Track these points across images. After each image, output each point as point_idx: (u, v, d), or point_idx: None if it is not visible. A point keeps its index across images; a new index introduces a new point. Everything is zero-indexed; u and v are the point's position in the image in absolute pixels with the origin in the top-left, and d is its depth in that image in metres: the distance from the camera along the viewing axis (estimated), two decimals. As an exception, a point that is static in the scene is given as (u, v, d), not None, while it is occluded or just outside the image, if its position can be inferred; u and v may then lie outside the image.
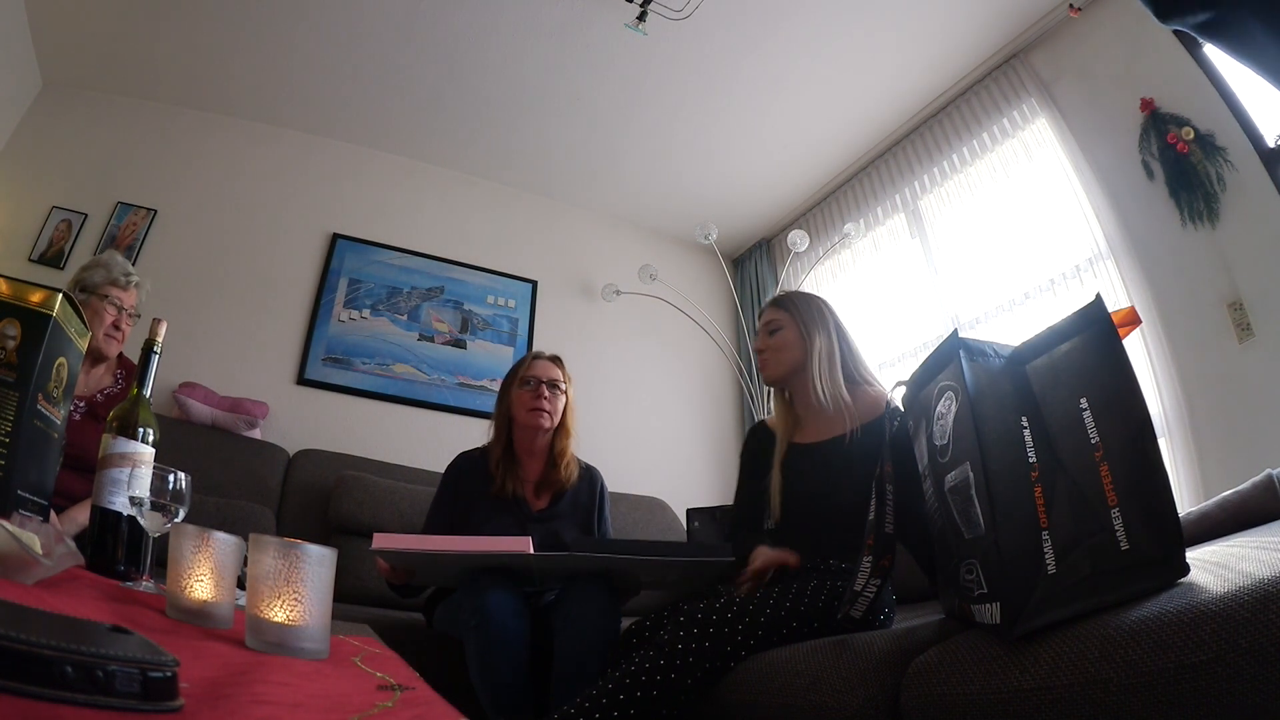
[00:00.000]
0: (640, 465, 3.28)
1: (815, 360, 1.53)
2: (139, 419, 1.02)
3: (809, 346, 1.55)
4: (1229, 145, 2.07)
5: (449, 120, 3.29)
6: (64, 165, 2.94)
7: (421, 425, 3.12)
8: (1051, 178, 2.59)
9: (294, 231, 3.23)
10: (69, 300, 0.96)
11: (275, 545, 0.64)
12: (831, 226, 3.55)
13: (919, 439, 0.99)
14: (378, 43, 2.86)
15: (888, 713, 0.90)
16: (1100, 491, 0.71)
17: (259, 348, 2.98)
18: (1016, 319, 2.61)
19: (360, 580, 2.25)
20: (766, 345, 1.61)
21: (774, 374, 1.60)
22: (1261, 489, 1.06)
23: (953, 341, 0.87)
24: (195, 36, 2.85)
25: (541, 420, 1.75)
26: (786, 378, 1.58)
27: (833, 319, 1.60)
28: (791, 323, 1.59)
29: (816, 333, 1.56)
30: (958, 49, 2.81)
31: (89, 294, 1.77)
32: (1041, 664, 0.69)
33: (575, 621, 1.42)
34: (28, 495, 0.90)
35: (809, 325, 1.57)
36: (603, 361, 3.55)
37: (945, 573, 0.94)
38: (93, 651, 0.35)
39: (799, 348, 1.56)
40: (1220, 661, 0.56)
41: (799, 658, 1.06)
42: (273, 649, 0.62)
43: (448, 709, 0.53)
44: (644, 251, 3.84)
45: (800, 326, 1.57)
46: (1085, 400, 0.74)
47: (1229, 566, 0.65)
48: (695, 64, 2.90)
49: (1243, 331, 1.99)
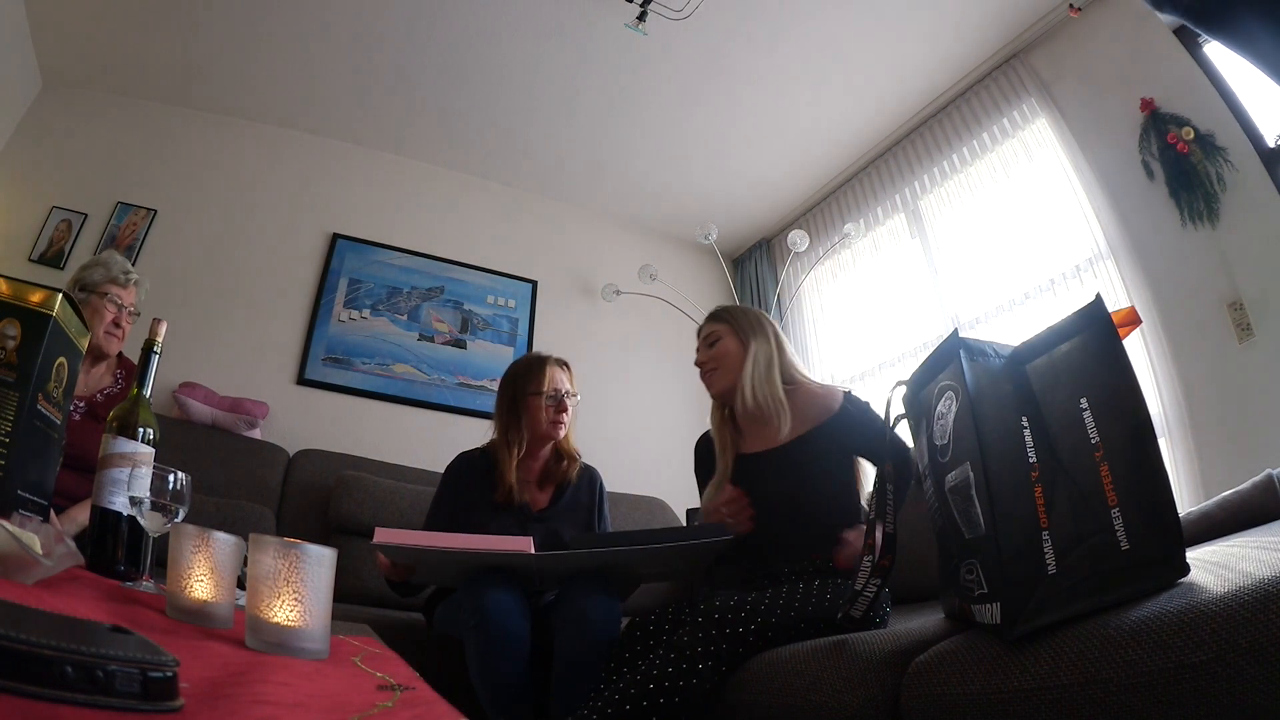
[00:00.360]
0: (640, 465, 3.28)
1: (750, 366, 1.56)
2: (139, 419, 1.02)
3: (746, 355, 1.58)
4: (1229, 145, 2.07)
5: (449, 120, 3.29)
6: (64, 165, 2.94)
7: (421, 425, 3.12)
8: (1051, 178, 2.59)
9: (294, 231, 3.23)
10: (69, 300, 0.96)
11: (275, 545, 0.64)
12: (831, 226, 3.55)
13: (919, 439, 0.99)
14: (378, 43, 2.86)
15: (888, 713, 0.90)
16: (1100, 491, 0.71)
17: (259, 348, 2.98)
18: (1016, 319, 2.61)
19: (360, 580, 2.25)
20: (708, 357, 1.64)
21: (720, 386, 1.62)
22: (1261, 489, 1.06)
23: (953, 341, 0.87)
24: (195, 37, 2.85)
25: (559, 432, 1.78)
26: (732, 389, 1.59)
27: (771, 328, 1.63)
28: (730, 333, 1.62)
29: (753, 341, 1.59)
30: (958, 49, 2.81)
31: (89, 292, 1.77)
32: (1041, 664, 0.69)
33: (575, 621, 1.41)
34: (28, 495, 0.90)
35: (746, 334, 1.60)
36: (603, 361, 3.55)
37: (945, 573, 0.94)
38: (93, 651, 0.35)
39: (739, 357, 1.59)
40: (1220, 661, 0.56)
41: (799, 658, 1.06)
42: (273, 649, 0.62)
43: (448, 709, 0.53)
44: (644, 251, 3.84)
45: (739, 336, 1.61)
46: (1085, 400, 0.74)
47: (1229, 566, 0.65)
48: (695, 64, 2.90)
49: (1243, 331, 1.99)
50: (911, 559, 1.14)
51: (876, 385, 3.17)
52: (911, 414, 1.02)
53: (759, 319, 1.65)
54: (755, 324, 1.63)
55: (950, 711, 0.78)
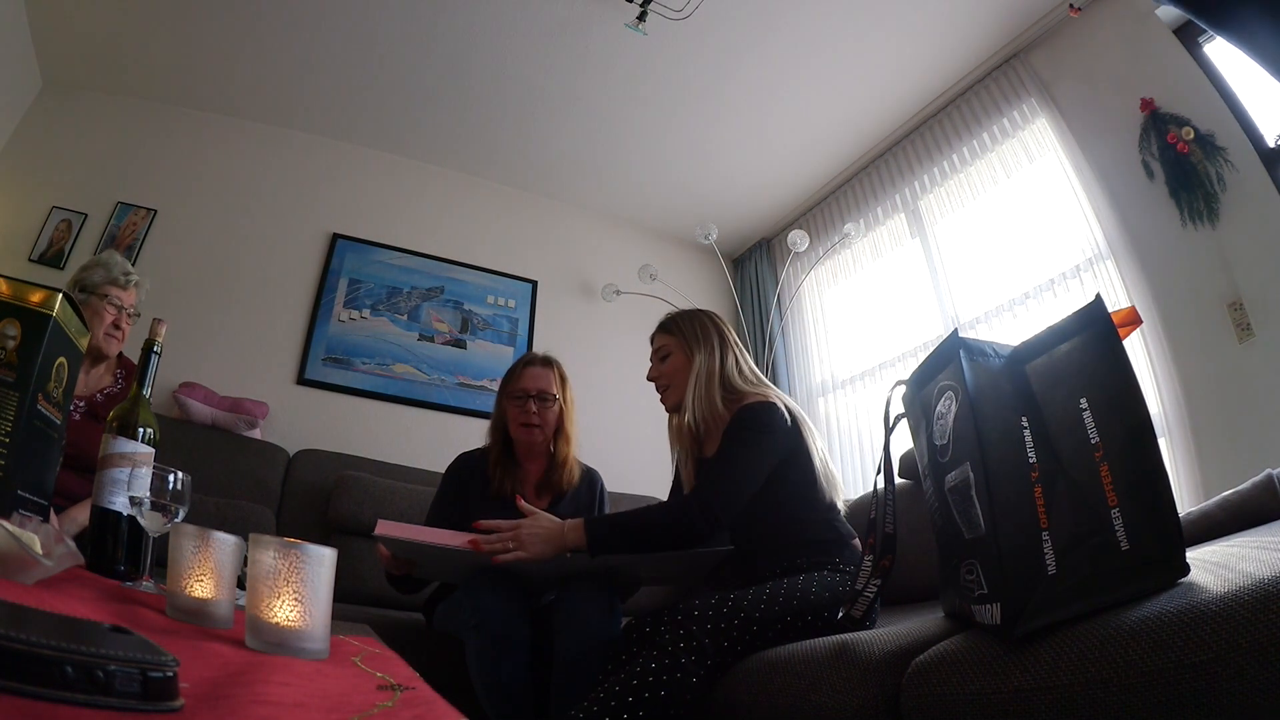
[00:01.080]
0: (640, 465, 3.27)
1: (692, 382, 1.56)
2: (139, 419, 1.02)
3: (690, 369, 1.58)
4: (1229, 145, 2.07)
5: (449, 120, 3.29)
6: (64, 165, 2.94)
7: (421, 425, 3.12)
8: (1051, 178, 2.58)
9: (294, 231, 3.23)
10: (69, 300, 0.96)
11: (275, 545, 0.64)
12: (831, 227, 3.55)
13: (919, 438, 0.98)
14: (378, 43, 2.86)
15: (888, 713, 0.90)
16: (1100, 492, 0.71)
17: (259, 348, 2.98)
18: (1016, 319, 2.61)
19: (360, 580, 2.25)
20: (658, 374, 1.64)
21: (674, 400, 1.62)
22: (1261, 489, 1.06)
23: (953, 341, 0.87)
24: (195, 36, 2.85)
25: (533, 435, 1.76)
26: (684, 401, 1.58)
27: (717, 335, 1.62)
28: (678, 346, 1.62)
29: (698, 351, 1.59)
30: (958, 49, 2.81)
31: (88, 294, 1.76)
32: (1041, 664, 0.69)
33: (575, 621, 1.41)
34: (28, 495, 0.90)
35: (692, 346, 1.60)
36: (603, 361, 3.54)
37: (945, 573, 0.94)
38: (93, 651, 0.35)
39: (685, 371, 1.59)
40: (1220, 661, 0.56)
41: (799, 658, 1.06)
42: (273, 649, 0.62)
43: (448, 709, 0.53)
44: (644, 251, 3.84)
45: (685, 349, 1.60)
46: (1085, 400, 0.74)
47: (1229, 566, 0.65)
48: (695, 64, 2.90)
49: (1243, 331, 1.99)
50: (911, 559, 1.14)
51: (877, 385, 3.17)
52: (911, 414, 1.02)
53: (705, 326, 1.63)
54: (702, 333, 1.61)
55: (950, 711, 0.78)
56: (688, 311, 1.71)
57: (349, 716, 0.45)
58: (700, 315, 1.67)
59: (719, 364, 1.58)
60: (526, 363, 1.83)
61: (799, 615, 1.23)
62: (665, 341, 1.65)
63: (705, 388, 1.56)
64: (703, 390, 1.55)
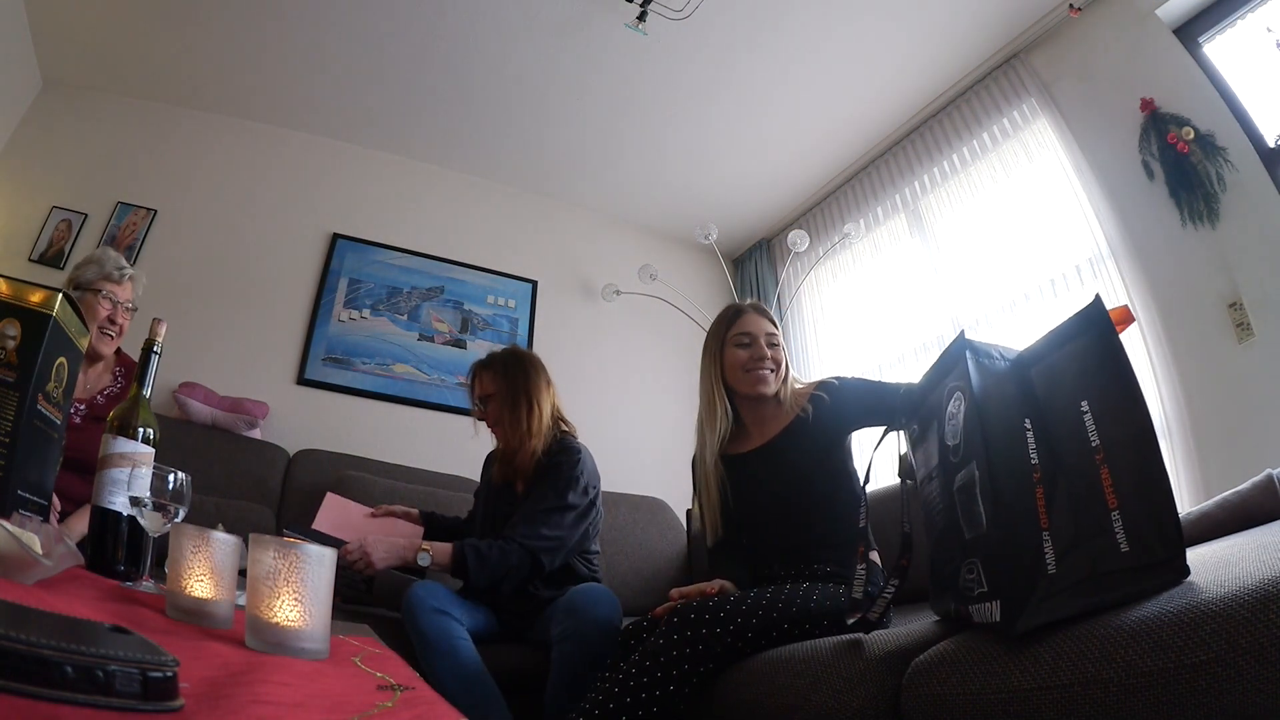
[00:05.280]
0: (640, 465, 3.27)
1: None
2: (139, 419, 1.02)
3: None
4: (1229, 145, 2.07)
5: (449, 120, 3.29)
6: (64, 165, 2.94)
7: (421, 425, 3.11)
8: (1052, 178, 2.58)
9: (294, 231, 3.22)
10: (69, 300, 0.96)
11: (275, 545, 0.64)
12: (832, 226, 3.55)
13: (930, 440, 0.98)
14: (378, 43, 2.86)
15: (888, 713, 0.90)
16: (1100, 494, 0.71)
17: (259, 348, 2.98)
18: (1017, 319, 2.61)
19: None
20: (766, 355, 1.54)
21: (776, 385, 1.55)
22: (1261, 489, 1.06)
23: (960, 343, 0.88)
24: (195, 37, 2.85)
25: (498, 436, 1.93)
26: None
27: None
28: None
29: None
30: (958, 49, 2.81)
31: (83, 290, 1.75)
32: (1041, 664, 0.69)
33: (575, 620, 1.41)
34: (28, 495, 0.90)
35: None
36: (602, 361, 3.54)
37: (939, 577, 0.94)
38: (93, 651, 0.35)
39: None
40: (1220, 661, 0.56)
41: (799, 658, 1.06)
42: (273, 649, 0.62)
43: (448, 709, 0.53)
44: (644, 251, 3.84)
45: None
46: (1086, 403, 0.74)
47: (1229, 566, 0.65)
48: (695, 64, 2.90)
49: (1243, 331, 1.99)
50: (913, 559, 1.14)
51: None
52: (921, 419, 1.02)
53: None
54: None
55: (950, 711, 0.78)
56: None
57: (349, 717, 0.45)
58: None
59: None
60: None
61: (796, 623, 1.21)
62: (776, 330, 1.58)
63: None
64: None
